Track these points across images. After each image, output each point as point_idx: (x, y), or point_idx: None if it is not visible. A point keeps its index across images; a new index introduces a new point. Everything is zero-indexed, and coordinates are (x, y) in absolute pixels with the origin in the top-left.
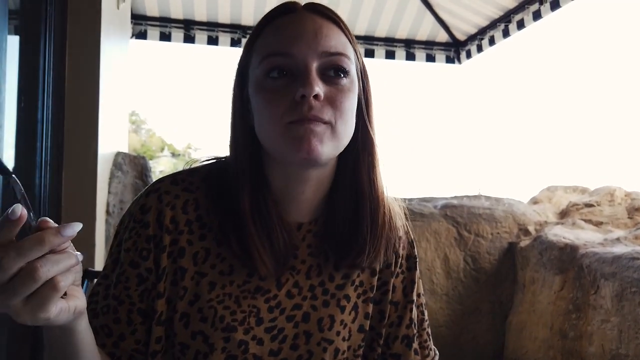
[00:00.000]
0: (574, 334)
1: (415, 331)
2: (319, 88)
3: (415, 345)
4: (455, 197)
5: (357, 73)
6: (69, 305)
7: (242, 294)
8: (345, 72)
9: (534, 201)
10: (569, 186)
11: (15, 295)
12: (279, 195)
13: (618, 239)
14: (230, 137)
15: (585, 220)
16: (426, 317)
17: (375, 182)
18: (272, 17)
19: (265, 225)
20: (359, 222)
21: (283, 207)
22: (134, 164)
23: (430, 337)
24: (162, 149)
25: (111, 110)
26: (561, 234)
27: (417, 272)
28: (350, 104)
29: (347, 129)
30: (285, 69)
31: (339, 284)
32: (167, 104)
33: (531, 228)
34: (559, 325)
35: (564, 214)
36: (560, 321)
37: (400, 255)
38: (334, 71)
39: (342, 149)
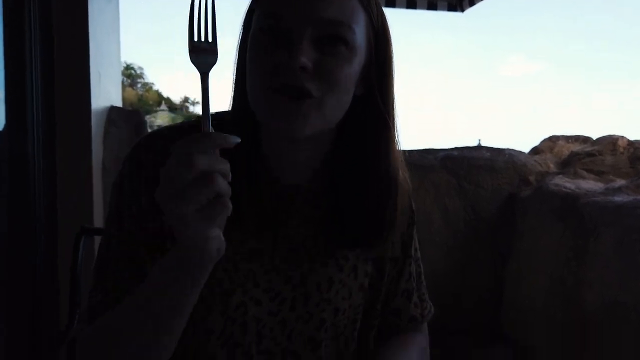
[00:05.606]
0: (573, 280)
1: (414, 285)
2: (306, 59)
3: (415, 298)
4: (456, 149)
5: (369, 38)
6: (222, 239)
7: (238, 256)
8: (345, 43)
9: (535, 151)
10: (570, 136)
11: (191, 201)
12: (272, 157)
13: (619, 189)
14: (233, 89)
15: (586, 170)
16: (422, 271)
17: (388, 160)
18: None
19: (253, 188)
20: (364, 202)
21: (276, 170)
22: (129, 119)
23: (426, 291)
24: (160, 103)
25: (102, 63)
26: (562, 183)
27: (415, 226)
28: (346, 75)
29: (339, 102)
30: (277, 29)
31: (338, 244)
32: (164, 56)
33: (532, 178)
34: (558, 272)
35: (565, 164)
36: (560, 269)
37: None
38: (329, 41)
39: (333, 122)
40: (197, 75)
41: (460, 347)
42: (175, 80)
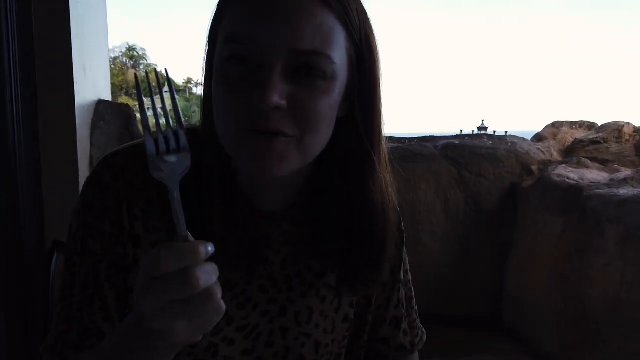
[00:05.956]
0: (575, 276)
1: (404, 311)
2: (279, 97)
3: (404, 325)
4: (457, 137)
5: (351, 57)
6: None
7: None
8: (323, 75)
9: (538, 138)
10: (575, 122)
11: (187, 317)
12: (247, 187)
13: (625, 180)
14: (203, 110)
15: (590, 159)
16: (413, 294)
17: (371, 187)
18: None
19: (232, 217)
20: (347, 235)
21: (252, 198)
22: (117, 113)
23: (418, 315)
24: (163, 85)
25: (88, 56)
26: (565, 174)
27: (405, 248)
28: (325, 108)
29: (319, 138)
30: (244, 59)
31: (319, 272)
32: (167, 36)
33: (534, 167)
34: (560, 267)
35: (569, 152)
36: (562, 264)
37: None
38: (304, 71)
39: (314, 157)
40: (200, 53)
41: (460, 338)
42: (178, 61)
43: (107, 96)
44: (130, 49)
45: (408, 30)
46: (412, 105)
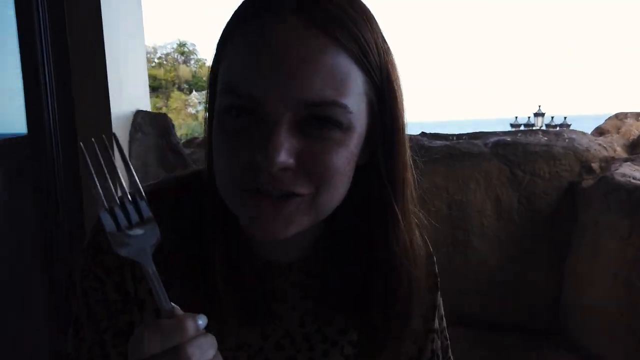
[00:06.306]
0: None
1: None
2: (286, 155)
3: None
4: (509, 133)
5: (370, 100)
6: None
7: (222, 354)
8: (338, 125)
9: (600, 132)
10: None
11: None
12: (254, 239)
13: None
14: (206, 153)
15: None
16: (449, 341)
17: (395, 254)
18: (246, 17)
19: (234, 272)
20: (369, 291)
21: (263, 249)
22: (155, 123)
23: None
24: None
25: (124, 70)
26: (630, 173)
27: (439, 293)
28: (343, 161)
29: (336, 195)
30: (248, 109)
31: (342, 327)
32: (216, 31)
33: (595, 165)
34: (625, 274)
35: (634, 147)
36: (627, 270)
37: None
38: (317, 123)
39: (325, 215)
40: None
41: (513, 346)
42: None
43: (146, 105)
44: (181, 44)
45: (464, 15)
46: (469, 92)
